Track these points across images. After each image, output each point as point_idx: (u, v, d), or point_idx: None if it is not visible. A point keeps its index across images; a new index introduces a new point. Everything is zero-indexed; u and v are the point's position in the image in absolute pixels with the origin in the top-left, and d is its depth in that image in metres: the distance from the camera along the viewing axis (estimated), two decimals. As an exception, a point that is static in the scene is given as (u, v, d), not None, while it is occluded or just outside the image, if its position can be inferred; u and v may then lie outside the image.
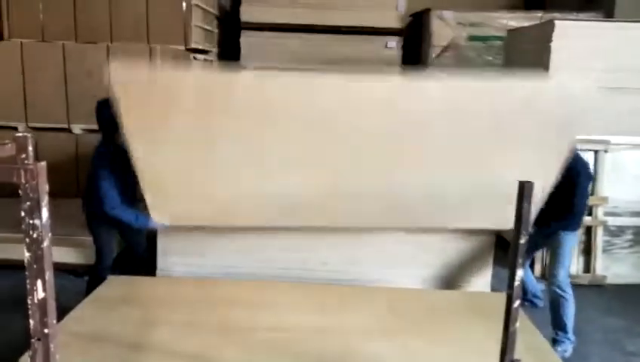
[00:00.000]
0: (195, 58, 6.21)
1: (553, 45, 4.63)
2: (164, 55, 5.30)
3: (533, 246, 3.44)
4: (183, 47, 5.78)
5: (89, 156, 5.32)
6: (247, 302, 2.87)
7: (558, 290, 3.42)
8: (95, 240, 3.66)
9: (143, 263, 3.76)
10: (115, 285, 3.03)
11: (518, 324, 1.90)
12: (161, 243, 3.71)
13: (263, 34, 6.83)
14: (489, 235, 3.77)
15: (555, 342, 3.36)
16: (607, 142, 4.61)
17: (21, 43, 5.26)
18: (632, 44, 4.65)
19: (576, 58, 4.59)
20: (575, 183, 3.24)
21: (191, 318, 2.65)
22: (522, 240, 1.85)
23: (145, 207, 3.11)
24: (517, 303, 1.88)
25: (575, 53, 4.61)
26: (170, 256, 3.71)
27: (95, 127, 5.01)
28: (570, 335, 3.40)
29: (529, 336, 2.55)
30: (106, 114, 3.15)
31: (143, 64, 4.00)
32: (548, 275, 3.58)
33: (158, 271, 3.68)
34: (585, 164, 3.42)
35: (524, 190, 1.86)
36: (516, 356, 1.91)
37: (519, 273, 1.86)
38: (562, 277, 3.43)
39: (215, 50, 7.00)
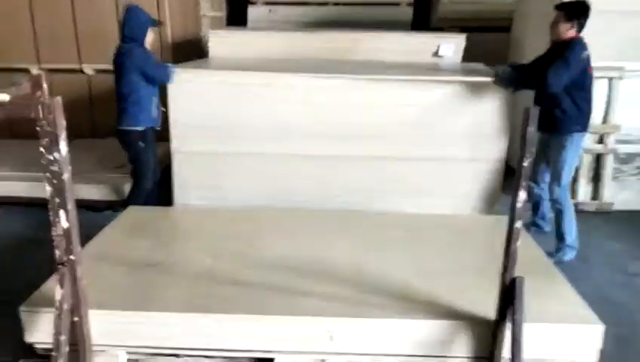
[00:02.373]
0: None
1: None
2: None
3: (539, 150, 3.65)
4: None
5: (102, 96, 5.40)
6: (259, 228, 3.01)
7: (556, 204, 3.64)
8: (135, 160, 3.87)
9: (151, 196, 3.93)
10: (133, 215, 3.18)
11: (519, 243, 1.99)
12: (177, 178, 3.85)
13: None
14: (498, 163, 3.85)
15: (557, 251, 3.60)
16: (621, 69, 4.53)
17: (28, -16, 5.21)
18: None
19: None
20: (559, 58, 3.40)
21: (207, 244, 2.80)
22: (526, 163, 1.90)
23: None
24: (519, 223, 1.96)
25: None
26: (186, 189, 3.85)
27: (107, 67, 5.08)
28: (571, 242, 3.61)
29: (530, 251, 2.66)
30: (147, 17, 3.82)
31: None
32: (550, 183, 3.72)
33: (174, 205, 3.83)
34: (584, 56, 3.51)
35: (529, 115, 1.90)
36: (519, 272, 2.02)
37: (521, 195, 1.93)
38: (559, 190, 3.60)
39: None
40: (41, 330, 2.13)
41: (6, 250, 3.70)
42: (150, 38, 3.88)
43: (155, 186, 4.03)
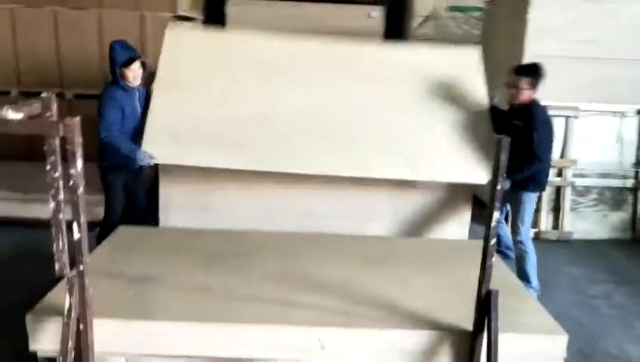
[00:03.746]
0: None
1: (530, 16, 4.88)
2: (154, 22, 5.40)
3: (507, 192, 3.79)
4: (170, 15, 5.89)
5: (82, 121, 5.44)
6: (249, 246, 3.15)
7: (520, 246, 3.77)
8: (106, 194, 3.88)
9: (143, 219, 4.00)
10: (124, 234, 3.27)
11: (493, 259, 2.20)
12: (163, 199, 3.94)
13: (247, 2, 6.93)
14: (466, 192, 4.10)
15: None
16: (576, 109, 4.94)
17: (11, 9, 5.30)
18: (603, 17, 4.92)
19: (551, 29, 4.86)
20: (534, 131, 3.53)
21: (199, 260, 2.92)
22: (499, 187, 2.14)
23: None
24: (493, 241, 2.19)
25: (550, 24, 4.87)
26: (172, 212, 3.94)
27: (87, 92, 5.17)
28: (535, 284, 3.76)
29: (501, 272, 2.89)
30: (122, 55, 3.66)
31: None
32: (511, 232, 3.90)
33: (160, 226, 3.92)
34: (547, 117, 3.68)
35: (501, 144, 2.14)
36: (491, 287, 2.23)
37: (496, 215, 2.16)
38: (523, 233, 3.76)
39: (201, 17, 7.08)
40: (46, 338, 2.20)
41: None
42: (130, 76, 3.70)
43: (147, 211, 4.07)
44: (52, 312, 2.19)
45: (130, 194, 3.95)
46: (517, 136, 3.14)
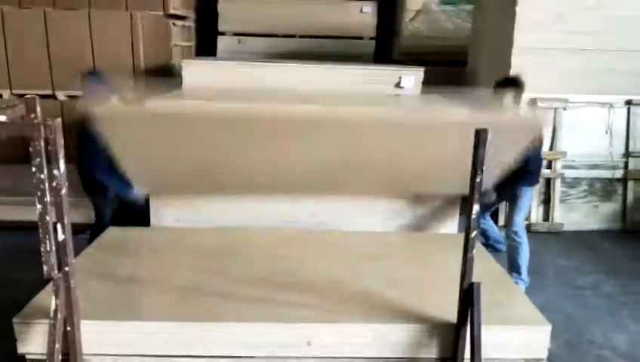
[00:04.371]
0: (174, 24, 6.34)
1: (518, 9, 4.90)
2: (144, 21, 5.41)
3: (497, 200, 3.81)
4: (161, 13, 5.90)
5: (74, 122, 5.48)
6: (237, 244, 3.18)
7: (514, 236, 3.80)
8: (92, 201, 3.88)
9: (141, 219, 4.01)
10: (113, 235, 3.29)
11: (474, 251, 2.23)
12: (154, 201, 3.97)
13: (239, -1, 6.95)
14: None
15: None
16: (565, 101, 4.97)
17: (1, 10, 5.30)
18: (591, 8, 4.93)
19: (540, 21, 4.88)
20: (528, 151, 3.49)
21: (188, 259, 2.94)
22: (478, 179, 2.16)
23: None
24: (474, 233, 2.21)
25: (538, 16, 4.89)
26: (163, 213, 3.97)
27: (79, 93, 5.16)
28: (525, 276, 3.79)
29: (486, 264, 2.92)
30: (93, 87, 3.49)
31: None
32: (506, 223, 3.96)
33: (151, 225, 3.95)
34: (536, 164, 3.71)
35: (480, 137, 2.17)
36: (476, 279, 2.26)
37: (475, 207, 2.19)
38: (518, 225, 3.80)
39: (193, 16, 7.11)
40: (33, 341, 2.22)
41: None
42: None
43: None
44: (39, 315, 2.21)
45: (124, 199, 3.95)
46: None
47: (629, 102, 5.06)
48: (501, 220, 4.98)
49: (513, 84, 3.71)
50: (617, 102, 5.05)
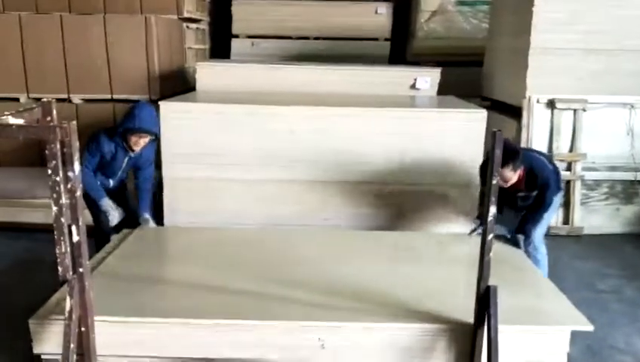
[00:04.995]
0: (187, 28, 6.37)
1: (535, 9, 4.83)
2: (158, 25, 5.44)
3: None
4: (175, 17, 5.92)
5: (89, 125, 5.54)
6: (250, 244, 3.18)
7: (531, 250, 3.57)
8: (89, 208, 3.66)
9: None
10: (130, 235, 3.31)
11: (492, 254, 2.19)
12: (168, 203, 3.99)
13: (253, 2, 6.95)
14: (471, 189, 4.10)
15: None
16: (584, 101, 4.88)
17: (19, 15, 5.37)
18: (609, 7, 4.84)
19: (557, 21, 4.80)
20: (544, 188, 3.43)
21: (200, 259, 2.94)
22: (494, 181, 2.12)
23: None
24: (491, 236, 2.17)
25: (556, 16, 4.81)
26: (176, 213, 4.00)
27: (95, 96, 5.22)
28: None
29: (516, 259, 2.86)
30: (143, 123, 3.42)
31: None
32: (523, 232, 3.60)
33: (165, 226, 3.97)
34: (554, 173, 3.52)
35: (496, 138, 2.13)
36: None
37: (492, 209, 2.14)
38: (538, 238, 3.58)
39: (207, 19, 7.13)
40: (49, 341, 2.23)
41: None
42: (132, 143, 3.50)
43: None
44: (54, 315, 2.22)
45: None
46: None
47: (650, 102, 4.96)
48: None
49: (510, 157, 3.20)
50: (638, 103, 4.94)
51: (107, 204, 3.47)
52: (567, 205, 4.94)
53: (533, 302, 2.53)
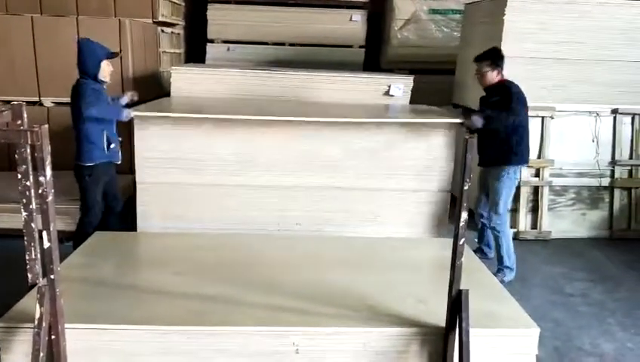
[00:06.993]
0: (162, 31, 6.32)
1: (506, 19, 4.94)
2: (133, 28, 5.38)
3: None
4: (150, 21, 5.88)
5: (61, 128, 5.44)
6: (222, 250, 3.16)
7: (494, 231, 4.02)
8: (84, 196, 3.85)
9: (121, 222, 3.99)
10: (99, 239, 3.26)
11: (463, 259, 2.23)
12: (141, 208, 3.95)
13: (229, 6, 6.94)
14: (443, 193, 4.18)
15: (497, 272, 3.92)
16: (552, 109, 5.01)
17: (-13, 16, 5.26)
18: (577, 18, 4.99)
19: (527, 31, 4.92)
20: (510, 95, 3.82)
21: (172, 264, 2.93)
22: (466, 187, 2.17)
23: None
24: (462, 241, 2.21)
25: (526, 26, 4.93)
26: (149, 219, 3.96)
27: (66, 100, 5.14)
28: (509, 264, 3.98)
29: (478, 273, 2.93)
30: (103, 50, 3.83)
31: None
32: (489, 209, 4.07)
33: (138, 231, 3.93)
34: (519, 89, 3.91)
35: (468, 145, 2.18)
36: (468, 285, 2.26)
37: (464, 215, 2.19)
38: (496, 218, 3.97)
39: (182, 23, 7.09)
40: (17, 348, 2.18)
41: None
42: (105, 71, 3.83)
43: (116, 217, 4.08)
44: (22, 322, 2.17)
45: (109, 196, 3.94)
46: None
47: (614, 111, 5.12)
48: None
49: (489, 54, 4.02)
50: (603, 111, 5.11)
51: (127, 111, 3.80)
52: (535, 210, 5.06)
53: (489, 305, 2.57)
